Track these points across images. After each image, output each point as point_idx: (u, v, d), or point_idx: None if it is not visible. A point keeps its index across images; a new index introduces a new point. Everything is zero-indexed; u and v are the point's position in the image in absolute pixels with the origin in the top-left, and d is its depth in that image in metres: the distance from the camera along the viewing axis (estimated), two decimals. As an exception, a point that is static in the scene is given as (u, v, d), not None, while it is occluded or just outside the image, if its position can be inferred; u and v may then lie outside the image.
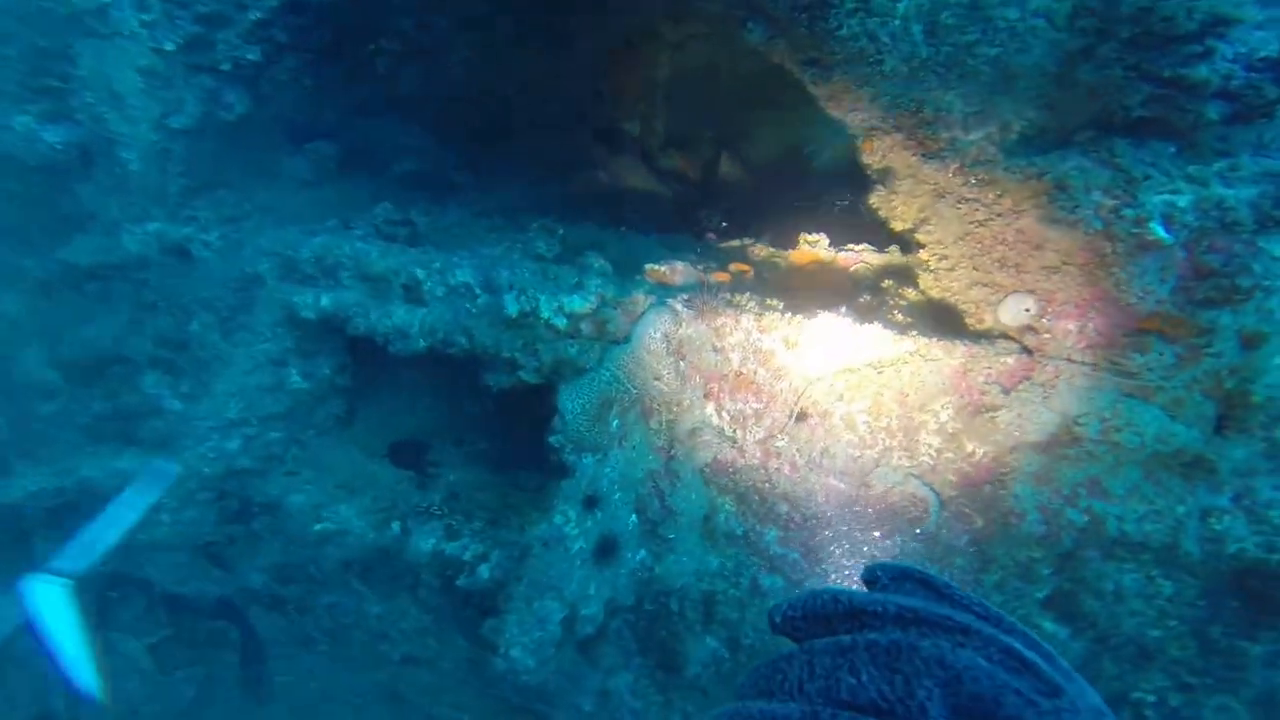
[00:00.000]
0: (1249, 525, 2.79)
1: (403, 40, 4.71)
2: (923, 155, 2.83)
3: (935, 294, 3.33)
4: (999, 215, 2.79)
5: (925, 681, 0.64)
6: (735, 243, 4.18)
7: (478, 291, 3.85)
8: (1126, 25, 2.23)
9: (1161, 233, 2.30)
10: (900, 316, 3.28)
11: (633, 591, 3.83)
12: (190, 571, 4.72)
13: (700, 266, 3.76)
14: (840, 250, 3.97)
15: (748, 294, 3.48)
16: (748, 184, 5.41)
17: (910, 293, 3.50)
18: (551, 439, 3.56)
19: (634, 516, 3.70)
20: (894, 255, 3.82)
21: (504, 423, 4.94)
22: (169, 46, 4.50)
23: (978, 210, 2.84)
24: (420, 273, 3.98)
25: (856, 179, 4.65)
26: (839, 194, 4.13)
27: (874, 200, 3.32)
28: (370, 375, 5.00)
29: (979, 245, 2.91)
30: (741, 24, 3.09)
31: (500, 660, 3.63)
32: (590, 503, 3.57)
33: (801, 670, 0.70)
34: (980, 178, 2.76)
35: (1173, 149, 2.30)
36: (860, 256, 3.90)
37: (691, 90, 5.45)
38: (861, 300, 3.46)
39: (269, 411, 4.46)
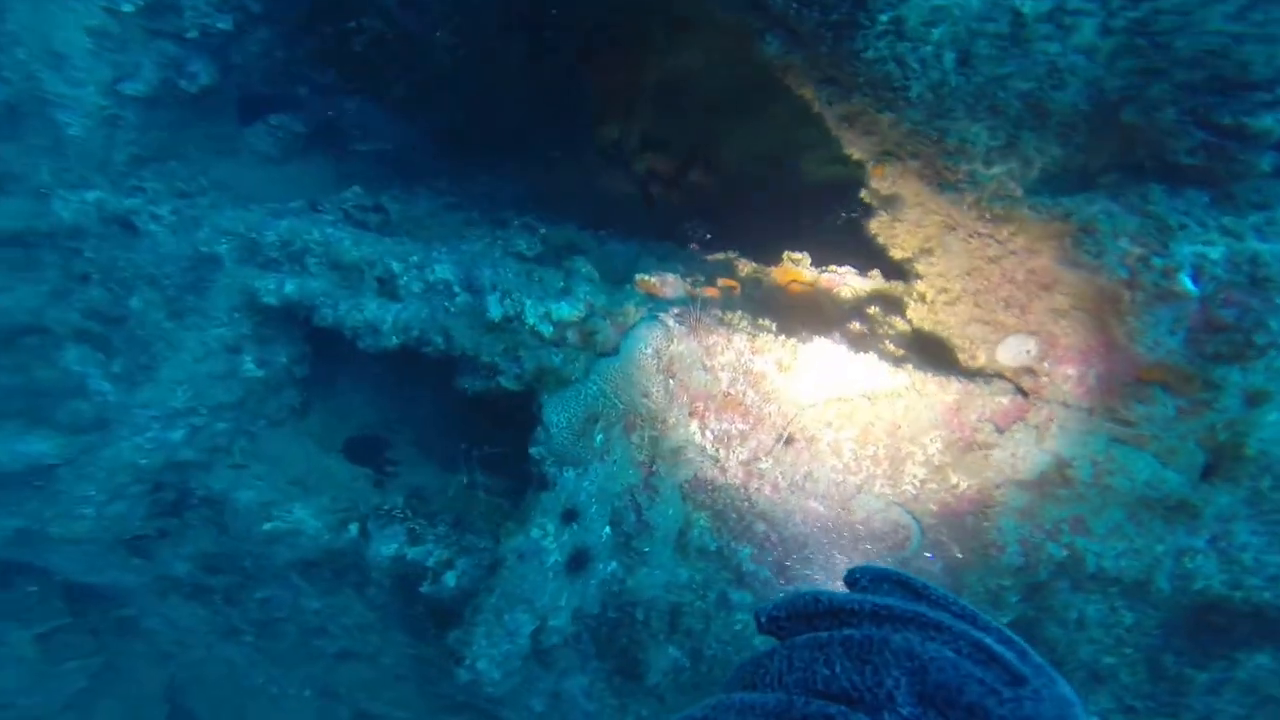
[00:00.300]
0: (1219, 564, 2.72)
1: (385, 19, 4.23)
2: (939, 186, 2.62)
3: (927, 326, 3.14)
4: (1011, 253, 2.60)
5: (894, 671, 0.64)
6: (720, 255, 3.91)
7: (457, 290, 3.46)
8: (1183, 68, 2.05)
9: (1190, 285, 2.15)
10: (893, 348, 3.08)
11: (600, 601, 3.54)
12: (105, 561, 4.15)
13: (689, 279, 3.47)
14: (823, 271, 3.75)
15: (739, 312, 3.22)
16: (723, 193, 5.15)
17: (898, 322, 3.31)
18: (533, 450, 3.22)
19: (608, 529, 3.40)
20: (878, 280, 3.63)
21: (469, 422, 4.55)
22: (127, 8, 3.89)
23: (989, 246, 2.65)
24: (397, 266, 3.56)
25: (844, 195, 4.45)
26: (834, 209, 3.88)
27: (874, 226, 3.10)
28: (329, 365, 4.52)
29: (985, 282, 2.72)
30: (759, 36, 2.80)
31: (464, 671, 3.28)
32: (569, 516, 3.25)
33: (781, 664, 0.71)
34: (996, 213, 2.57)
35: (1206, 198, 2.14)
36: (843, 279, 3.69)
37: (674, 95, 5.14)
38: (853, 326, 3.25)
39: (219, 401, 3.96)
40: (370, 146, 5.04)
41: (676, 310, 3.20)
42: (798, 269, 3.78)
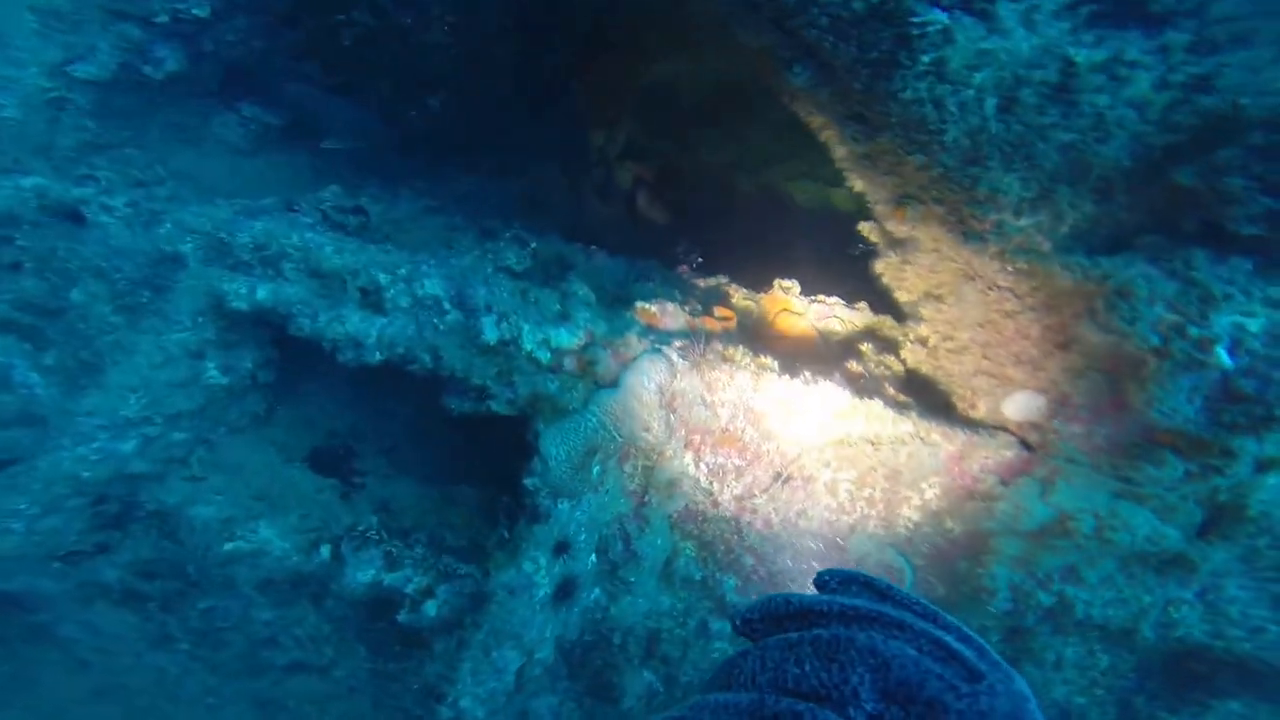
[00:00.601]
0: (1204, 615, 2.63)
1: (376, 14, 3.79)
2: (963, 234, 2.42)
3: (925, 369, 2.96)
4: (1030, 309, 2.42)
5: (858, 669, 0.64)
6: (711, 281, 3.66)
7: (448, 306, 3.09)
8: (1259, 131, 1.88)
9: (1226, 360, 2.00)
10: (893, 391, 2.88)
11: (580, 628, 3.24)
12: (20, 567, 3.59)
13: (686, 308, 3.20)
14: (812, 300, 3.54)
15: (741, 348, 2.96)
16: (709, 211, 4.89)
17: (892, 362, 3.12)
18: (528, 482, 2.91)
19: (594, 557, 3.11)
20: (866, 314, 3.44)
21: (440, 432, 4.16)
22: None
23: (1007, 300, 2.47)
24: (383, 277, 3.17)
25: (834, 224, 4.25)
26: (829, 239, 3.66)
27: (881, 266, 2.89)
28: (297, 369, 4.05)
29: (998, 335, 2.54)
30: (786, 65, 2.53)
31: (446, 710, 2.94)
32: (560, 549, 2.94)
33: (755, 664, 0.70)
34: (1020, 267, 2.39)
35: (1249, 265, 1.99)
36: (832, 310, 3.49)
37: (659, 105, 4.85)
38: (851, 367, 3.04)
39: (177, 409, 3.47)
40: (346, 145, 4.57)
41: (679, 344, 2.93)
42: (788, 297, 3.56)
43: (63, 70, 3.69)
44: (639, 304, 3.03)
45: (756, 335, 3.38)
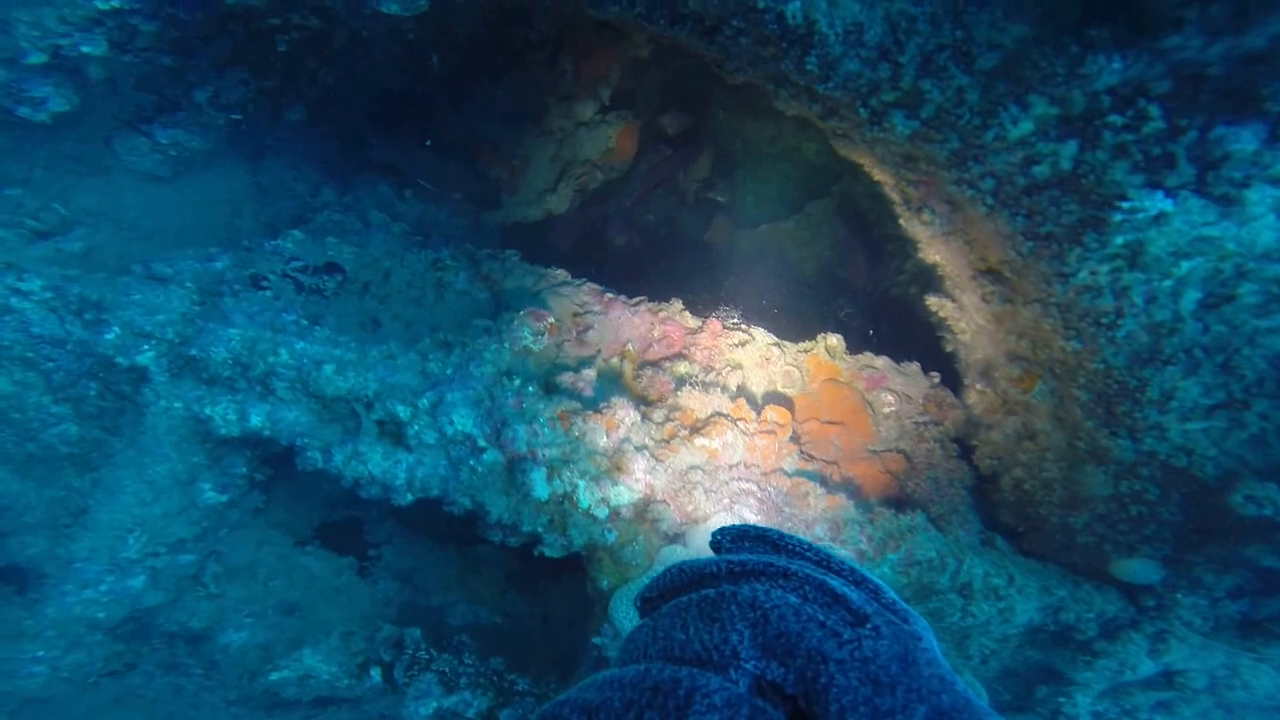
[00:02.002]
0: None
1: (323, 18, 2.89)
2: (1110, 431, 2.01)
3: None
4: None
5: (739, 625, 0.61)
6: (741, 334, 3.12)
7: (483, 443, 2.64)
8: None
9: None
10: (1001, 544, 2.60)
11: None
12: (51, 693, 3.32)
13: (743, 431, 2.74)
14: (859, 363, 3.08)
15: (810, 493, 2.59)
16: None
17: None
18: (596, 639, 2.64)
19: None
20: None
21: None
22: None
23: (1148, 494, 2.12)
24: (403, 411, 2.68)
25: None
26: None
27: (993, 437, 2.47)
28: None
29: (1122, 512, 2.21)
30: (917, 209, 1.96)
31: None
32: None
33: (647, 636, 0.66)
34: (1177, 466, 2.01)
35: None
36: (885, 380, 3.04)
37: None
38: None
39: (178, 537, 3.07)
40: (286, 160, 3.78)
41: (757, 494, 2.55)
42: (832, 361, 3.12)
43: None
44: (700, 442, 2.60)
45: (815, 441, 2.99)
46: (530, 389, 2.72)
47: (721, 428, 2.64)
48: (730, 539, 0.78)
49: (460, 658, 3.18)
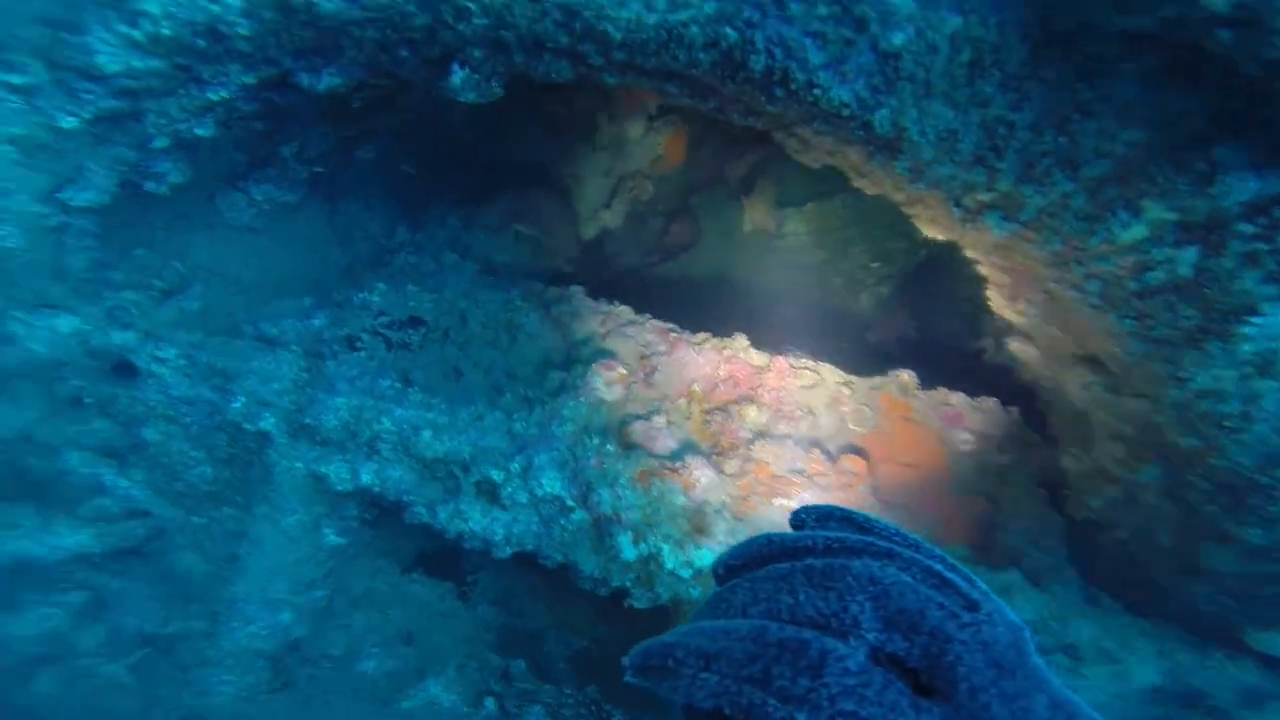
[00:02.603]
0: None
1: (398, 81, 2.97)
2: (1216, 537, 1.88)
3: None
4: None
5: (858, 596, 0.59)
6: (809, 373, 3.04)
7: (571, 503, 2.76)
8: None
9: None
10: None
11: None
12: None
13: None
14: (933, 399, 2.95)
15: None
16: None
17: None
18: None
19: None
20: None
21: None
22: (67, 123, 2.69)
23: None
24: (496, 474, 2.83)
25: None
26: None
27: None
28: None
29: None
30: (1012, 298, 1.85)
31: None
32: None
33: (745, 596, 0.64)
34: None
35: None
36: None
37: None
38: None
39: (310, 577, 3.40)
40: (358, 199, 3.90)
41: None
42: (906, 400, 3.01)
43: (54, 196, 3.09)
44: (779, 502, 2.62)
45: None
46: (609, 447, 2.80)
47: (798, 487, 2.65)
48: (814, 518, 0.76)
49: (561, 689, 3.42)
